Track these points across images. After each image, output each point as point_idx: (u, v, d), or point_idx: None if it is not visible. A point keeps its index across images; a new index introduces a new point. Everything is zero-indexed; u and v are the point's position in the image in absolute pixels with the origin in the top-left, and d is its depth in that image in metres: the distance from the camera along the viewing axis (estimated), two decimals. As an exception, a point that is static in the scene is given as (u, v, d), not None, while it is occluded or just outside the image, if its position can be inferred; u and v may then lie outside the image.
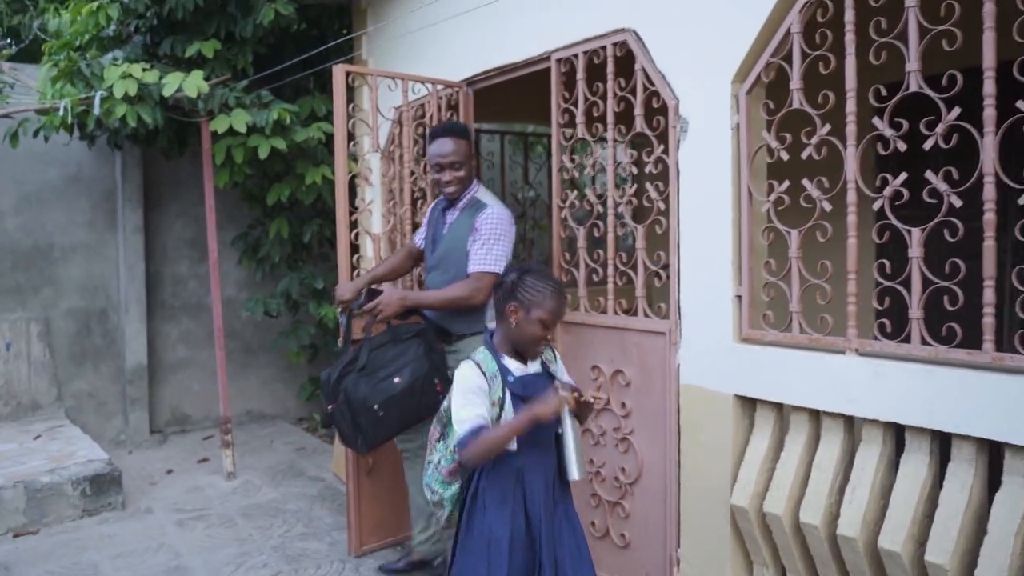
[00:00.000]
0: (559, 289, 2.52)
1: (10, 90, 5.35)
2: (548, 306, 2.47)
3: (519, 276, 2.53)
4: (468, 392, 2.44)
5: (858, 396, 2.62)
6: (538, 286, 2.49)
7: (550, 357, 2.67)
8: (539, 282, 2.50)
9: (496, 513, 2.48)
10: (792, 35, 2.76)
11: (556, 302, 2.49)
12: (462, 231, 3.56)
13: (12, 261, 6.08)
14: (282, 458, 5.85)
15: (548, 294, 2.48)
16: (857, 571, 2.64)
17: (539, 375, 2.59)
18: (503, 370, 2.51)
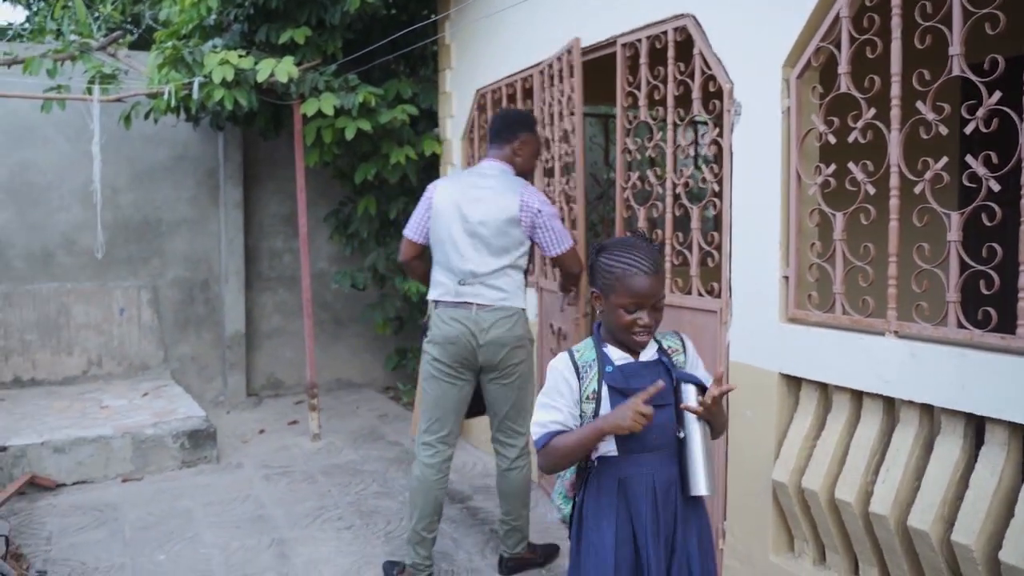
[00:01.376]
0: (639, 263, 2.02)
1: (124, 76, 5.77)
2: (627, 286, 2.02)
3: (596, 255, 2.13)
4: (550, 391, 2.13)
5: (895, 377, 2.66)
6: (612, 266, 2.05)
7: (674, 345, 2.19)
8: (614, 260, 2.05)
9: (596, 533, 2.11)
10: (841, 19, 2.79)
11: (636, 280, 2.01)
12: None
13: (125, 234, 6.58)
14: (365, 423, 6.17)
15: (623, 272, 2.02)
16: (889, 548, 2.69)
17: (651, 364, 2.13)
18: (603, 359, 2.11)
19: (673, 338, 2.23)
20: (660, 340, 2.18)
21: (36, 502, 4.53)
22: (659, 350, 2.17)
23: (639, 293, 2.02)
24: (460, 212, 3.46)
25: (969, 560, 2.40)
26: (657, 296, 2.06)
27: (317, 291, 6.91)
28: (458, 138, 5.55)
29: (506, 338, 3.45)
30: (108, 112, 5.79)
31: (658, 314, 2.09)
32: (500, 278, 3.46)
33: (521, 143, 3.59)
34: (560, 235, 3.50)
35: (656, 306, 2.08)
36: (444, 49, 5.61)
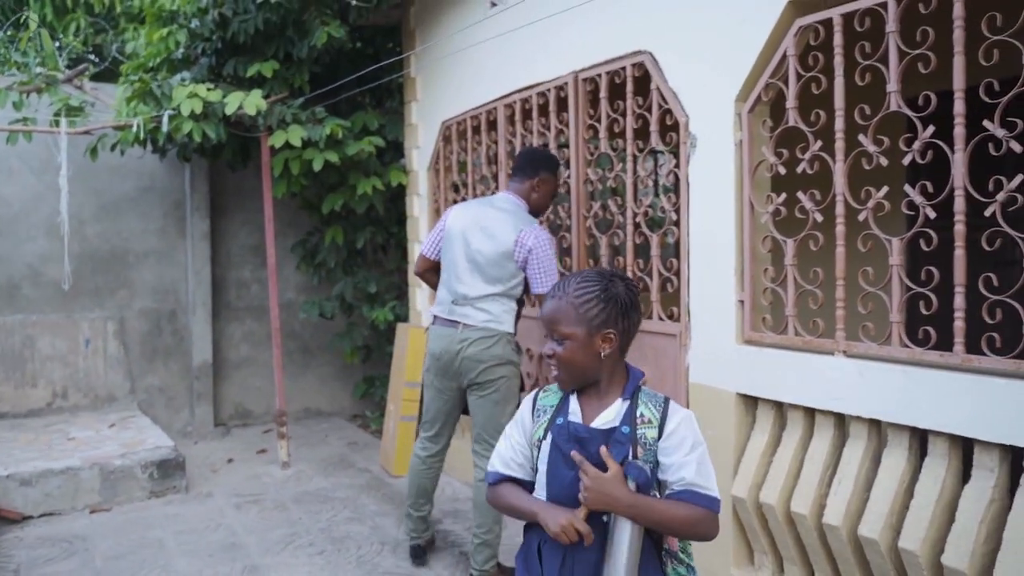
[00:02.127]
0: (555, 288, 1.89)
1: (91, 108, 5.82)
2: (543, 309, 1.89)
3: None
4: (514, 422, 2.01)
5: (845, 394, 2.81)
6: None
7: (649, 415, 1.83)
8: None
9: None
10: (788, 58, 2.97)
11: (544, 303, 1.89)
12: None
13: (92, 265, 6.58)
14: (334, 451, 6.21)
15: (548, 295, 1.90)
16: (842, 557, 2.82)
17: (603, 433, 1.82)
18: (562, 407, 1.91)
19: (653, 405, 1.84)
20: (639, 403, 1.84)
21: (2, 535, 4.51)
22: (628, 414, 1.83)
23: (542, 316, 1.88)
24: (464, 238, 3.75)
25: (915, 565, 2.54)
26: (555, 323, 1.83)
27: (285, 320, 6.96)
28: (424, 169, 5.68)
29: (483, 356, 3.64)
30: (74, 144, 5.83)
31: (563, 351, 1.83)
32: (489, 302, 3.68)
33: (540, 181, 3.83)
34: (547, 275, 3.67)
35: (557, 338, 1.84)
36: (410, 82, 5.74)
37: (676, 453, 1.80)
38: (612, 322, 1.83)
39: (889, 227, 2.74)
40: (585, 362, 1.84)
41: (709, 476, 1.82)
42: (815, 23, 2.87)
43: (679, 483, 1.79)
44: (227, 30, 5.52)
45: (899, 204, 2.71)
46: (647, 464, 1.80)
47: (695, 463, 1.79)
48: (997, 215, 2.39)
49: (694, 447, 1.81)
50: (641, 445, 1.81)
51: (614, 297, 1.83)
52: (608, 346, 1.84)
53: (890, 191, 2.72)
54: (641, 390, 1.89)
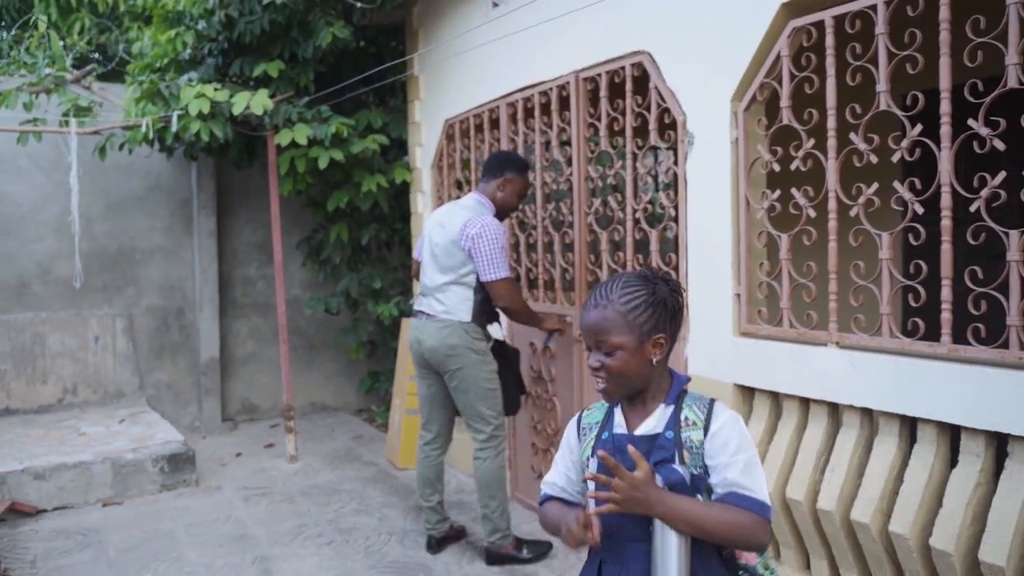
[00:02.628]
0: (594, 297, 1.78)
1: (98, 108, 5.92)
2: (581, 320, 1.80)
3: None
4: (561, 447, 1.95)
5: (838, 385, 2.91)
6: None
7: (693, 417, 1.74)
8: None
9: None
10: (782, 58, 3.06)
11: (584, 313, 1.79)
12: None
13: (100, 263, 6.69)
14: (340, 445, 6.31)
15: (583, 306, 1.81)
16: (835, 541, 2.92)
17: (646, 440, 1.76)
18: (607, 422, 1.85)
19: (698, 408, 1.76)
20: (684, 406, 1.76)
21: (17, 528, 4.62)
22: (672, 419, 1.75)
23: (584, 327, 1.77)
24: (429, 235, 4.07)
25: (905, 548, 2.64)
26: (601, 333, 1.72)
27: (291, 317, 7.06)
28: (428, 167, 5.77)
29: (439, 347, 3.89)
30: (82, 144, 5.92)
31: (613, 361, 1.72)
32: (444, 292, 3.91)
33: (506, 180, 3.98)
34: (491, 263, 3.81)
35: (606, 350, 1.73)
36: (413, 81, 5.84)
37: (721, 455, 1.69)
38: (662, 326, 1.73)
39: (879, 222, 2.83)
40: (637, 371, 1.74)
41: (756, 479, 1.69)
42: (808, 25, 2.96)
43: (722, 484, 1.69)
44: (233, 31, 5.61)
45: (889, 200, 2.80)
46: (696, 469, 1.71)
47: (741, 464, 1.68)
48: (982, 210, 2.48)
49: (740, 449, 1.69)
50: (687, 449, 1.72)
51: (662, 300, 1.73)
52: (659, 352, 1.74)
53: (880, 188, 2.81)
54: (687, 394, 1.80)
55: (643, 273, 1.79)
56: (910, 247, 2.74)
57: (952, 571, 2.52)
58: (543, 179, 4.51)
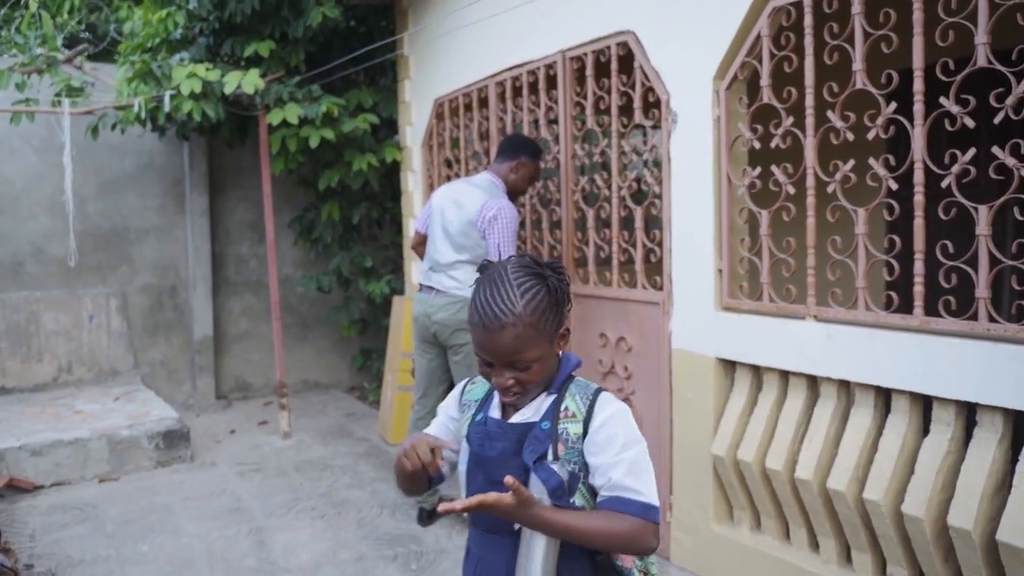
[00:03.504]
0: (486, 311, 1.55)
1: (91, 88, 5.94)
2: (475, 335, 1.59)
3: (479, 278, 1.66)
4: (440, 410, 1.84)
5: (815, 357, 2.99)
6: (472, 302, 1.61)
7: (574, 408, 1.60)
8: (475, 295, 1.60)
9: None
10: (762, 38, 3.11)
11: (478, 333, 1.57)
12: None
13: (93, 242, 6.73)
14: (333, 421, 6.40)
15: (472, 316, 1.59)
16: (813, 509, 3.01)
17: (518, 429, 1.61)
18: (486, 402, 1.72)
19: (581, 398, 1.61)
20: (567, 395, 1.62)
21: (16, 503, 4.69)
22: (551, 408, 1.61)
23: (482, 348, 1.57)
24: (442, 211, 4.12)
25: (878, 514, 2.73)
26: (517, 353, 1.54)
27: (283, 295, 7.11)
28: (418, 145, 5.81)
29: (450, 321, 3.98)
30: (75, 124, 5.94)
31: (529, 375, 1.57)
32: (457, 269, 3.99)
33: (520, 164, 4.09)
34: (502, 244, 3.90)
35: (523, 366, 1.56)
36: (403, 60, 5.87)
37: (604, 452, 1.55)
38: (564, 317, 1.62)
39: (856, 199, 2.90)
40: (549, 371, 1.62)
41: (642, 479, 1.54)
42: (787, 5, 3.01)
43: (607, 486, 1.54)
44: (224, 10, 5.63)
45: (865, 177, 2.87)
46: (572, 464, 1.57)
47: (627, 463, 1.53)
48: (952, 186, 2.55)
49: (626, 446, 1.54)
50: (563, 442, 1.57)
51: (556, 290, 1.59)
52: (565, 343, 1.65)
53: (856, 164, 2.88)
54: (573, 381, 1.65)
55: (529, 267, 1.59)
56: (885, 222, 2.81)
57: (923, 536, 2.61)
58: (531, 157, 4.56)
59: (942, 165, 2.59)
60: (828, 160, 2.95)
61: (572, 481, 1.56)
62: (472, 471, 1.65)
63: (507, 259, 1.63)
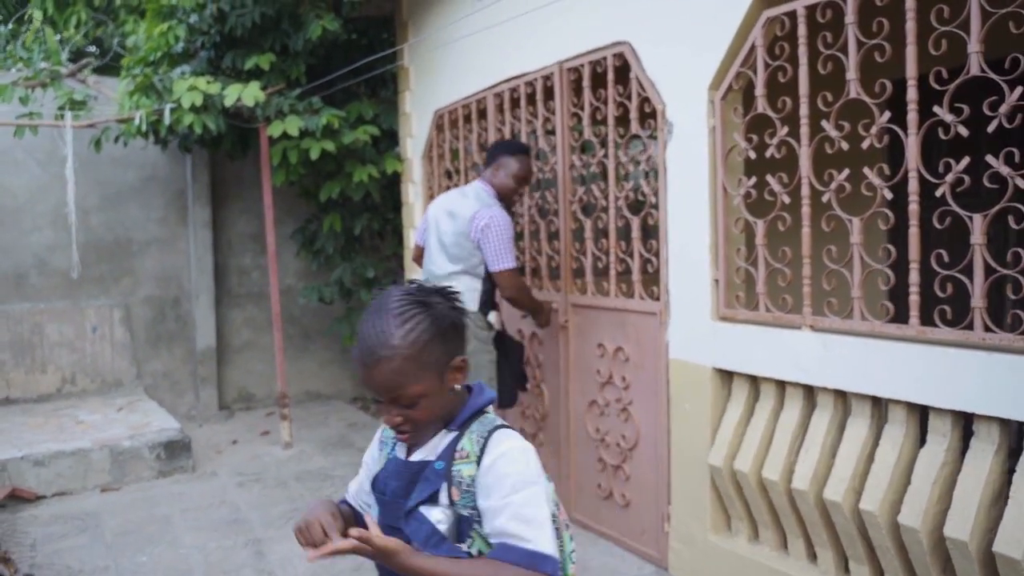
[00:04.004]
0: (367, 349, 1.44)
1: (94, 101, 5.98)
2: (358, 369, 1.48)
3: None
4: (366, 453, 1.73)
5: (811, 367, 2.98)
6: (358, 330, 1.50)
7: (469, 448, 1.49)
8: (361, 326, 1.50)
9: None
10: (756, 48, 3.11)
11: (362, 369, 1.46)
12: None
13: (96, 254, 6.76)
14: (334, 432, 6.40)
15: (356, 350, 1.48)
16: (810, 520, 3.00)
17: (414, 468, 1.52)
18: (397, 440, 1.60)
19: (477, 436, 1.50)
20: (466, 434, 1.51)
21: (18, 513, 4.70)
22: (449, 447, 1.51)
23: (372, 386, 1.46)
24: (437, 222, 4.11)
25: (875, 525, 2.71)
26: (397, 389, 1.43)
27: (285, 306, 7.13)
28: (418, 157, 5.83)
29: None
30: (78, 136, 5.98)
31: (417, 412, 1.46)
32: (452, 280, 3.90)
33: (498, 165, 4.08)
34: (498, 254, 3.89)
35: (407, 402, 1.45)
36: (403, 72, 5.89)
37: (492, 496, 1.43)
38: (457, 347, 1.50)
39: (851, 208, 2.90)
40: (443, 406, 1.51)
41: (533, 524, 1.41)
42: (781, 15, 3.02)
43: (494, 533, 1.42)
44: (225, 24, 5.67)
45: (860, 186, 2.87)
46: (466, 510, 1.45)
47: (514, 507, 1.40)
48: (947, 195, 2.55)
49: (516, 488, 1.42)
50: (456, 486, 1.46)
51: (446, 317, 1.47)
52: (462, 375, 1.52)
53: (851, 174, 2.87)
54: (481, 417, 1.53)
55: (411, 294, 1.48)
56: (881, 232, 2.80)
57: (920, 547, 2.59)
58: (530, 168, 4.57)
59: (936, 174, 2.59)
60: (823, 169, 2.94)
61: (463, 527, 1.45)
62: (380, 514, 1.56)
63: (391, 288, 1.51)
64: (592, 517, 4.17)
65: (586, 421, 4.15)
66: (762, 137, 3.15)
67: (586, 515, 4.20)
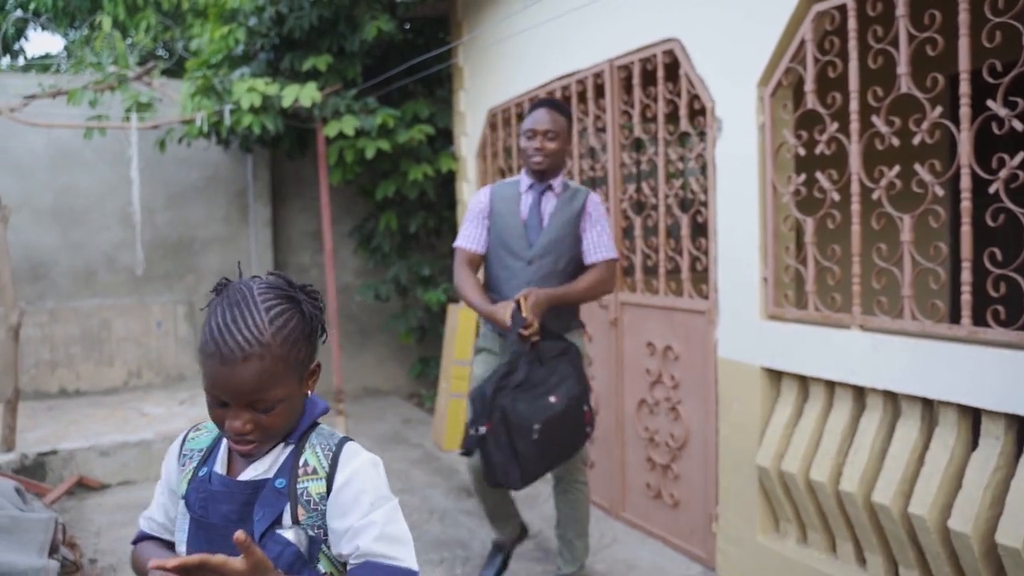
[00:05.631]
0: (223, 340, 1.26)
1: (159, 103, 6.17)
2: (206, 367, 1.29)
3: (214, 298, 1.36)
4: (162, 471, 1.50)
5: (861, 367, 2.92)
6: (206, 325, 1.31)
7: (315, 463, 1.35)
8: (209, 317, 1.31)
9: None
10: (806, 43, 3.07)
11: (212, 365, 1.27)
12: (568, 216, 3.29)
13: (161, 252, 6.97)
14: (390, 428, 6.48)
15: (204, 343, 1.29)
16: (858, 523, 2.94)
17: (250, 487, 1.35)
18: (211, 453, 1.41)
19: (323, 451, 1.36)
20: (306, 447, 1.37)
21: (84, 501, 4.88)
22: (288, 462, 1.36)
23: (217, 384, 1.27)
24: None
25: (924, 529, 2.65)
26: (260, 391, 1.27)
27: (343, 303, 7.26)
28: (473, 155, 5.87)
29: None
30: (144, 137, 6.18)
31: (271, 418, 1.30)
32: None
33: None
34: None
35: (264, 407, 1.29)
36: (458, 71, 5.94)
37: (350, 515, 1.32)
38: (315, 351, 1.38)
39: (901, 205, 2.83)
40: (294, 415, 1.36)
41: (399, 542, 1.33)
42: (831, 9, 2.96)
43: (356, 554, 1.32)
44: (283, 27, 5.80)
45: (911, 183, 2.80)
46: (313, 530, 1.33)
47: (377, 526, 1.31)
48: (1000, 192, 2.48)
49: (375, 504, 1.33)
50: (303, 505, 1.33)
51: (311, 317, 1.35)
52: (314, 381, 1.39)
53: (902, 170, 2.81)
54: (316, 428, 1.40)
55: (281, 288, 1.35)
56: (931, 230, 2.74)
57: (971, 553, 2.52)
58: (580, 167, 4.57)
59: (990, 170, 2.51)
60: (873, 166, 2.88)
61: (313, 547, 1.33)
62: (193, 539, 1.36)
63: (252, 278, 1.37)
64: (641, 516, 4.15)
65: (636, 420, 4.14)
66: (811, 133, 3.11)
67: (635, 514, 4.19)
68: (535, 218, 3.30)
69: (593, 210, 3.31)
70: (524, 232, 3.29)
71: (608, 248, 3.30)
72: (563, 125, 3.26)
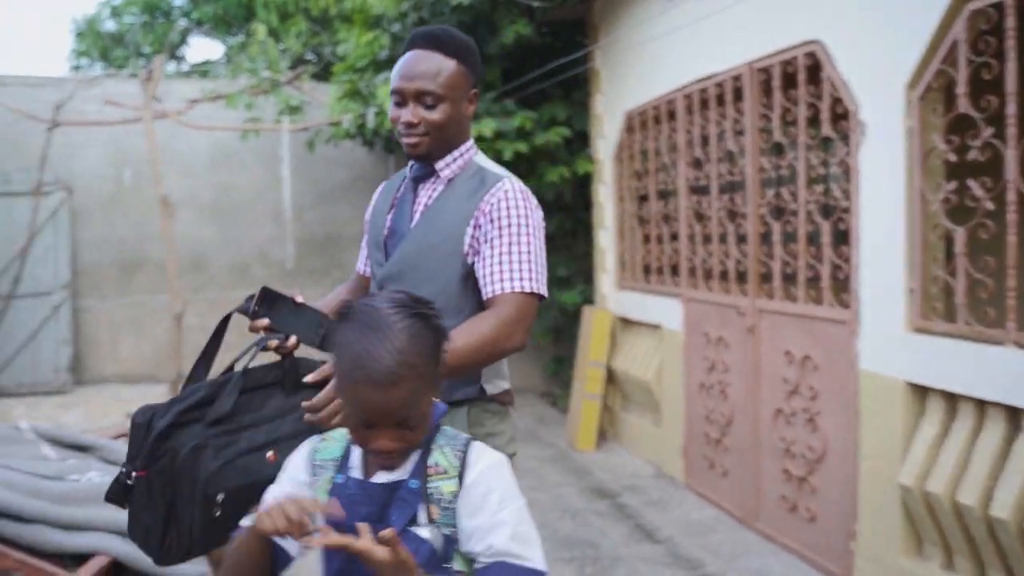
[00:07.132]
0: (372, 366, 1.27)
1: (308, 106, 6.49)
2: (354, 393, 1.30)
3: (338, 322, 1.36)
4: (281, 480, 1.47)
5: (1015, 386, 2.76)
6: (344, 351, 1.32)
7: (446, 465, 1.38)
8: (347, 343, 1.31)
9: None
10: (959, 43, 2.92)
11: (363, 390, 1.28)
12: (451, 217, 2.00)
13: (310, 247, 7.34)
14: (523, 426, 6.58)
15: (351, 370, 1.30)
16: (1012, 552, 2.79)
17: (386, 489, 1.36)
18: (344, 461, 1.43)
19: (452, 451, 1.39)
20: (434, 448, 1.39)
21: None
22: (419, 463, 1.37)
23: (368, 408, 1.29)
24: None
25: (1082, 563, 2.49)
26: (398, 414, 1.29)
27: (479, 301, 7.40)
28: (609, 158, 5.88)
29: None
30: (295, 138, 6.52)
31: (414, 433, 1.33)
32: None
33: None
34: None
35: (412, 424, 1.32)
36: (595, 74, 5.95)
37: (480, 514, 1.34)
38: (441, 361, 1.39)
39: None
40: (431, 422, 1.40)
41: (529, 542, 1.35)
42: (986, 7, 2.81)
43: (487, 553, 1.33)
44: (425, 32, 5.97)
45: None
46: (447, 529, 1.35)
47: (509, 525, 1.33)
48: None
49: (504, 503, 1.34)
50: (435, 503, 1.35)
51: (439, 331, 1.37)
52: (440, 388, 1.43)
53: (1066, 179, 2.64)
54: (440, 430, 1.42)
55: (406, 305, 1.34)
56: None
57: None
58: (718, 171, 4.50)
59: None
60: (1033, 174, 2.72)
61: (448, 547, 1.35)
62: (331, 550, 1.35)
63: (374, 300, 1.36)
64: (776, 529, 4.06)
65: (772, 429, 4.05)
66: (963, 138, 2.95)
67: (770, 526, 4.11)
68: (403, 221, 2.08)
69: (497, 210, 1.95)
70: (382, 242, 2.12)
71: (519, 274, 1.92)
72: (450, 74, 1.94)
